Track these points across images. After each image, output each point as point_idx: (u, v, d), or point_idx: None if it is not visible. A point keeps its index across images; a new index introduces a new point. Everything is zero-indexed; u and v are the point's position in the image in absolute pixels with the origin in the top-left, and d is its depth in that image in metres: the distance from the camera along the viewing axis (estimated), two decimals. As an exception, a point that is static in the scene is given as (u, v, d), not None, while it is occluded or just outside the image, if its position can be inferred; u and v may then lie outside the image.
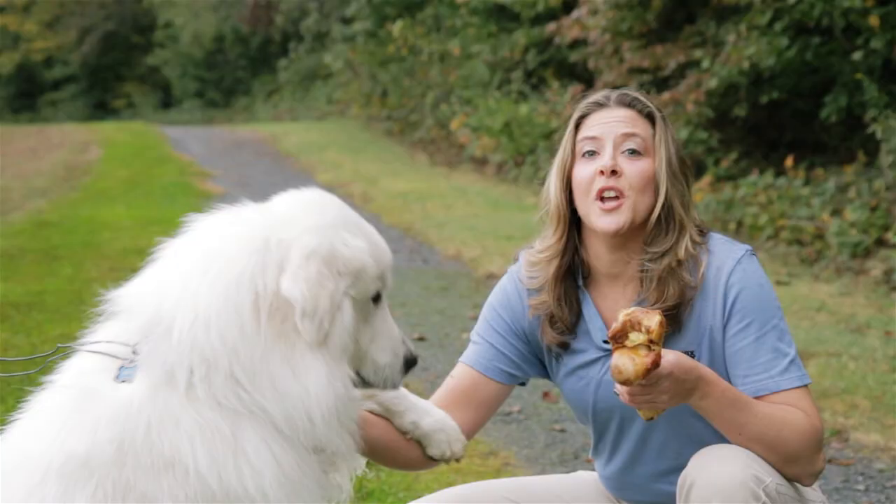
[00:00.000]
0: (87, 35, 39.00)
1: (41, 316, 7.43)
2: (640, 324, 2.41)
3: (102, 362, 2.19)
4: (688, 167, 2.82)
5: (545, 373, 2.97)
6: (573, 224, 2.83)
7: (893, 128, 10.00)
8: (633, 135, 2.75)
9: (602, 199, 2.71)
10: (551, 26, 14.92)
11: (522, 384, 3.00)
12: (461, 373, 2.87)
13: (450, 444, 2.61)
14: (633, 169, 2.72)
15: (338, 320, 2.17)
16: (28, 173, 17.37)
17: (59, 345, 2.31)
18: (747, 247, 2.76)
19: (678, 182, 2.75)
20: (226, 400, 2.12)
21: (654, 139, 2.77)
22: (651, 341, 2.41)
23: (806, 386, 2.65)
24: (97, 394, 2.14)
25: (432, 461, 2.66)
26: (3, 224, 11.96)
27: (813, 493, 2.73)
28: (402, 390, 2.60)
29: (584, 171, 2.76)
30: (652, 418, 2.53)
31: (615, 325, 2.43)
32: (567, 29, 14.34)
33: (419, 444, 2.62)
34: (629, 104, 2.80)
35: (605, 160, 2.72)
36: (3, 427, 2.23)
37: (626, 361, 2.40)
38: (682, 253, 2.71)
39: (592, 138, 2.76)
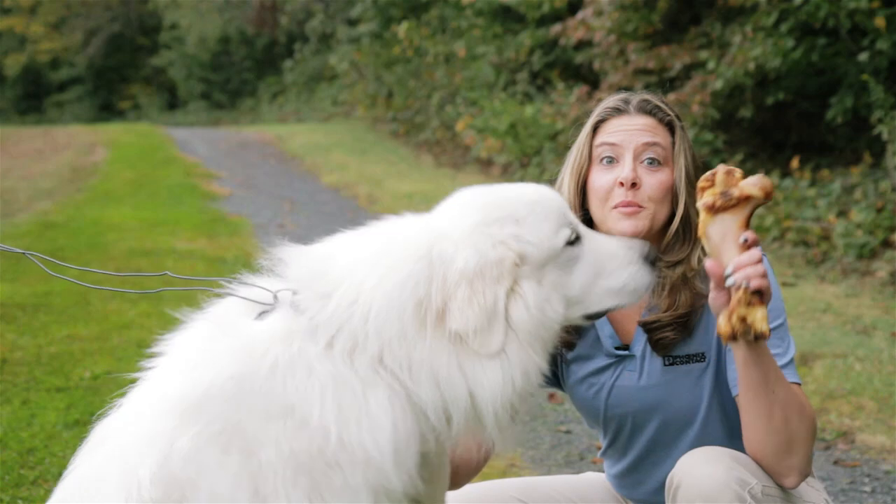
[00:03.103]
0: (93, 37, 39.10)
1: (47, 317, 7.44)
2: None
3: (243, 305, 2.24)
4: (702, 174, 2.81)
5: (555, 382, 2.98)
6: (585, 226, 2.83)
7: (899, 129, 9.99)
8: (653, 144, 2.73)
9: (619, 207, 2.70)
10: (556, 27, 14.92)
11: None
12: None
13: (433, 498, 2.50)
14: (653, 180, 2.70)
15: (517, 311, 2.17)
16: (34, 175, 17.40)
17: (167, 271, 2.37)
18: None
19: (695, 191, 2.74)
20: (361, 370, 2.14)
21: (673, 149, 2.75)
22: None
23: (800, 386, 2.64)
24: (232, 329, 2.19)
25: None
26: (10, 225, 11.98)
27: (816, 493, 2.72)
28: None
29: (601, 179, 2.73)
30: (734, 338, 2.39)
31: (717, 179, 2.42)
32: (572, 30, 14.34)
33: None
34: (650, 112, 2.77)
35: (625, 171, 2.69)
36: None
37: (757, 177, 2.39)
38: (695, 262, 2.71)
39: (611, 145, 2.74)
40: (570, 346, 2.85)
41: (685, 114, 12.31)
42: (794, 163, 11.54)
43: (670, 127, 2.78)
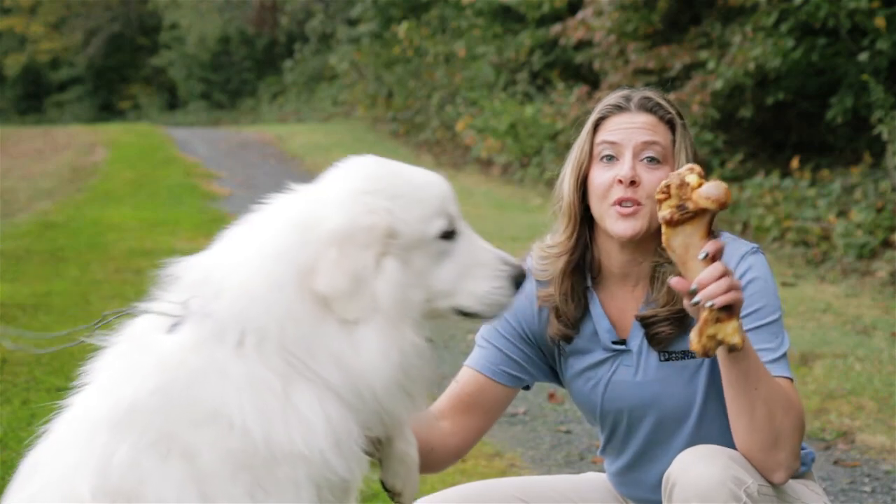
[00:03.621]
0: (93, 36, 39.09)
1: (47, 317, 7.43)
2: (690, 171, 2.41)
3: (156, 321, 2.24)
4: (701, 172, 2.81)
5: (553, 377, 2.97)
6: (585, 222, 2.82)
7: (899, 129, 10.00)
8: (653, 143, 2.73)
9: (619, 204, 2.71)
10: (556, 27, 14.92)
11: (527, 388, 3.00)
12: (467, 377, 2.87)
13: (405, 481, 2.45)
14: (652, 178, 2.70)
15: (379, 285, 2.16)
16: (34, 175, 17.40)
17: (105, 312, 2.36)
18: (754, 244, 2.77)
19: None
20: (276, 365, 2.13)
21: (673, 147, 2.76)
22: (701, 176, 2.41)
23: (792, 381, 2.64)
24: (146, 345, 2.20)
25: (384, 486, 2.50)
26: (10, 225, 11.98)
27: (814, 494, 2.72)
28: None
29: (601, 177, 2.74)
30: (707, 355, 2.40)
31: (672, 181, 2.39)
32: (572, 30, 14.34)
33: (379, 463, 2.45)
34: (651, 110, 2.77)
35: (624, 169, 2.70)
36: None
37: (711, 186, 2.36)
38: None
39: (612, 143, 2.75)
40: (568, 340, 2.85)
41: (685, 114, 12.29)
42: (794, 163, 11.55)
43: (671, 125, 2.79)
